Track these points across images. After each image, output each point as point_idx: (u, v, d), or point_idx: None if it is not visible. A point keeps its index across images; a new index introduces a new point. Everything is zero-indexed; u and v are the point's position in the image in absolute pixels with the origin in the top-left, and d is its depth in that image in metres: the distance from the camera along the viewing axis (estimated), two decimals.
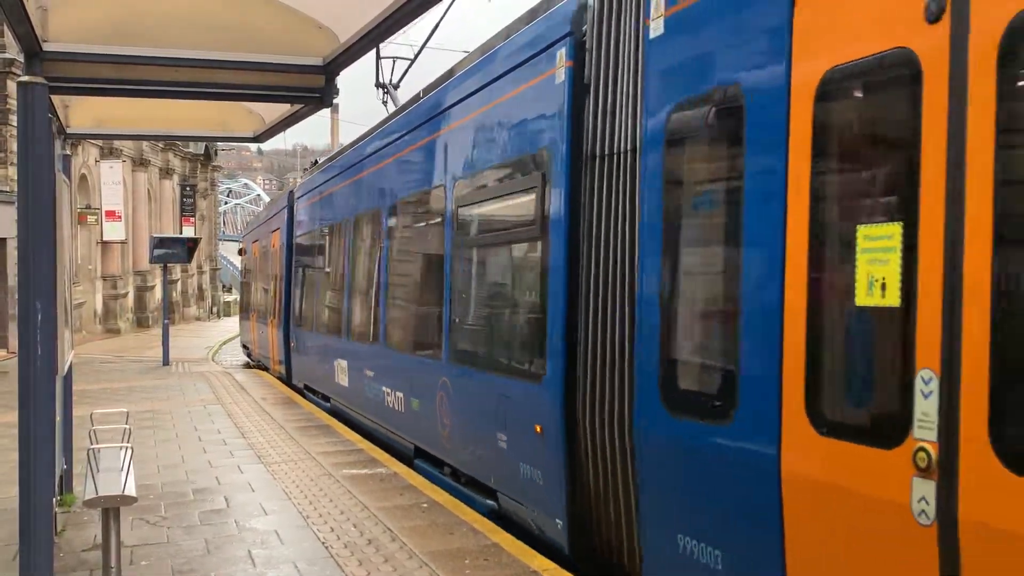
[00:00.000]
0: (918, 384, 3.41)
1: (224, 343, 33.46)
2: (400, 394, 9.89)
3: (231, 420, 13.25)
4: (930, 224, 3.38)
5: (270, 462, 10.07)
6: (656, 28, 5.10)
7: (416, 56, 16.64)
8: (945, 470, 3.27)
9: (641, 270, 5.18)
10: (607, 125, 5.85)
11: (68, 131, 7.69)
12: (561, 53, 6.35)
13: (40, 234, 4.75)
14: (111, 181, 32.82)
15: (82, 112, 7.53)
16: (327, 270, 14.20)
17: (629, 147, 5.55)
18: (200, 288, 50.37)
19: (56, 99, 6.53)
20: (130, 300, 37.41)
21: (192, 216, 45.38)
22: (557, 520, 6.30)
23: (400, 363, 9.93)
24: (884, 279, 3.59)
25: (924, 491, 3.33)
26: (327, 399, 14.22)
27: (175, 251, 23.88)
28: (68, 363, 7.34)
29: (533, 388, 6.54)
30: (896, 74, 3.59)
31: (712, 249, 4.67)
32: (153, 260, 24.32)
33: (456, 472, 8.43)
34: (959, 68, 3.30)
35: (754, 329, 4.23)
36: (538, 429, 6.45)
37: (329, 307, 13.85)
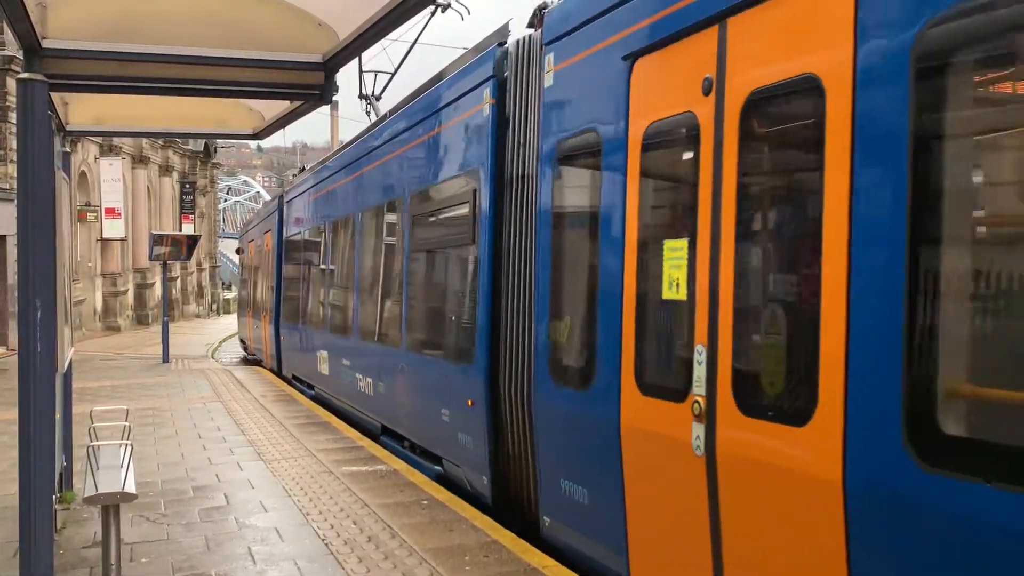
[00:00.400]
0: (697, 355, 4.67)
1: (224, 340, 33.46)
2: (370, 379, 11.28)
3: (231, 417, 13.26)
4: (703, 239, 4.64)
5: (270, 459, 10.08)
6: (548, 79, 6.49)
7: (395, 71, 18.31)
8: (709, 417, 4.58)
9: (536, 273, 6.57)
10: (521, 152, 7.22)
11: (68, 128, 7.69)
12: (487, 92, 7.72)
13: (40, 232, 4.75)
14: (111, 178, 32.82)
15: (82, 109, 7.53)
16: (310, 270, 15.59)
17: (533, 171, 6.83)
18: (200, 285, 50.37)
19: (56, 96, 6.53)
20: (130, 297, 37.42)
21: (192, 213, 45.36)
22: (484, 477, 7.67)
23: (370, 353, 11.27)
24: (678, 280, 4.89)
25: (698, 432, 4.65)
26: (311, 387, 15.48)
27: (175, 248, 23.90)
28: (68, 360, 7.34)
29: (467, 369, 7.85)
30: (683, 130, 4.91)
31: (580, 257, 6.03)
32: (153, 258, 24.33)
33: (413, 445, 9.81)
34: (721, 123, 4.58)
35: (605, 319, 5.57)
36: (470, 403, 7.79)
37: (312, 304, 15.24)
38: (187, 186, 45.70)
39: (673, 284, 4.93)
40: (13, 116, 23.82)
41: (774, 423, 4.14)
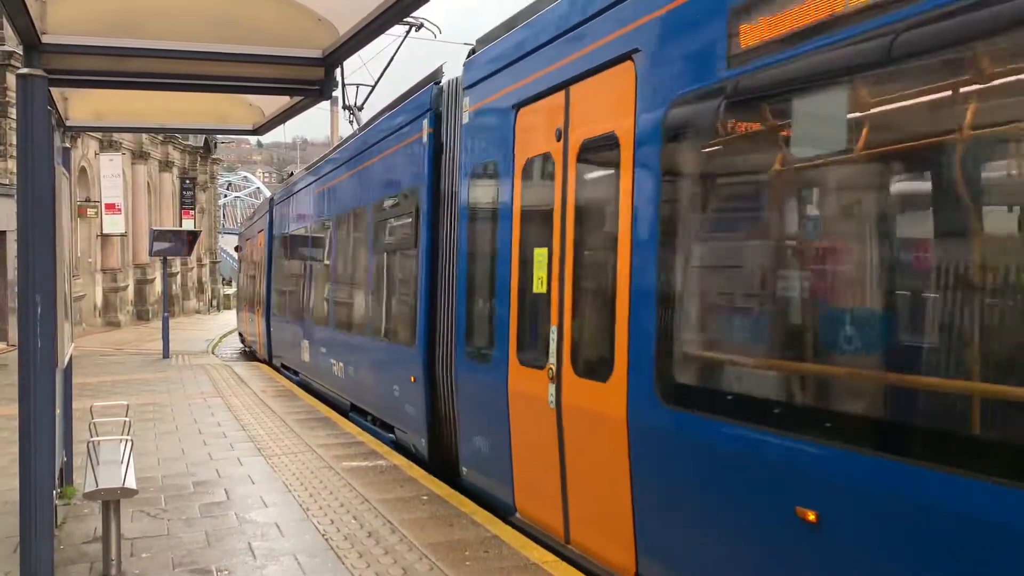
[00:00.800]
0: (551, 334, 6.29)
1: (224, 336, 33.47)
2: (341, 364, 12.92)
3: (231, 413, 13.27)
4: (555, 247, 6.29)
5: (270, 455, 10.08)
6: (466, 117, 7.99)
7: (375, 84, 20.43)
8: (557, 378, 6.22)
9: (456, 272, 8.15)
10: (451, 173, 8.72)
11: (67, 124, 7.68)
12: (425, 122, 9.27)
13: (40, 227, 4.75)
14: (111, 174, 32.77)
15: (81, 105, 7.52)
16: (293, 268, 17.30)
17: (458, 189, 8.27)
18: (200, 281, 50.36)
19: (55, 91, 6.52)
20: (130, 293, 37.40)
21: (192, 209, 45.33)
22: (422, 439, 9.30)
23: (341, 341, 12.90)
24: (542, 277, 6.51)
25: (552, 390, 6.28)
26: (296, 374, 17.06)
27: (175, 244, 23.90)
28: (68, 356, 7.34)
29: (410, 352, 9.45)
30: (546, 166, 6.52)
31: (484, 261, 7.60)
32: (153, 253, 24.33)
33: (375, 419, 11.37)
34: (567, 163, 6.22)
35: (499, 309, 7.19)
36: (412, 379, 9.41)
37: (295, 299, 16.91)
38: (187, 182, 45.68)
39: (540, 281, 6.56)
40: (13, 111, 23.80)
41: (591, 380, 5.80)
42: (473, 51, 8.08)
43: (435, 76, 9.34)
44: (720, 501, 4.55)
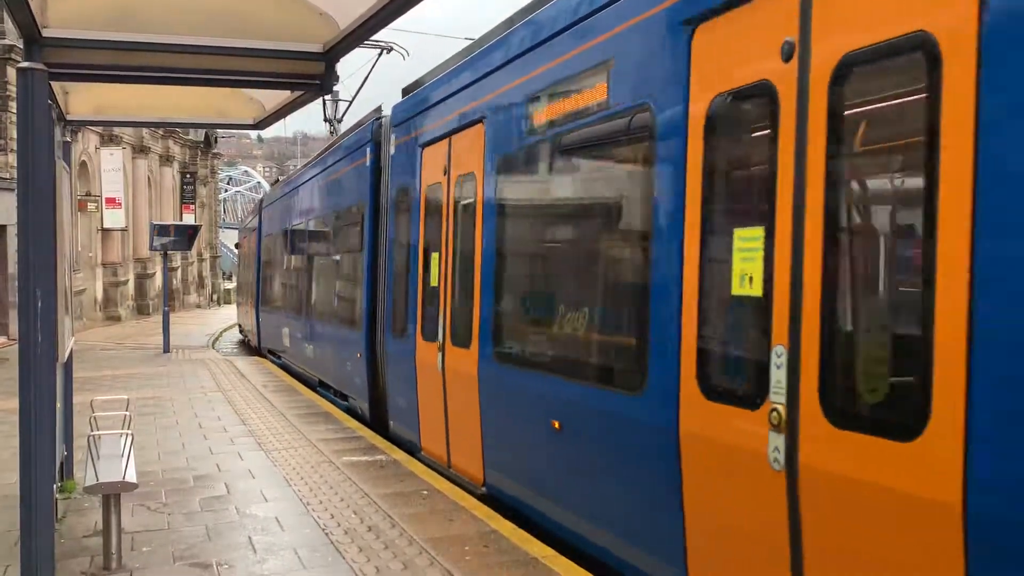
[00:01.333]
0: (440, 318, 8.43)
1: (224, 330, 33.47)
2: (310, 346, 15.51)
3: (231, 407, 13.27)
4: (443, 254, 8.56)
5: (270, 449, 10.09)
6: (392, 149, 10.28)
7: (352, 100, 23.54)
8: (442, 349, 8.30)
9: (386, 269, 10.52)
10: (385, 192, 10.83)
11: (68, 118, 7.67)
12: (368, 150, 11.62)
13: (40, 221, 4.74)
14: (111, 168, 32.74)
15: (82, 99, 7.51)
16: (277, 264, 19.89)
17: (389, 205, 10.53)
18: (200, 276, 50.35)
19: (56, 86, 6.52)
20: (130, 288, 37.39)
21: (192, 204, 45.31)
22: (365, 404, 11.57)
23: (311, 326, 15.54)
24: (436, 273, 8.33)
25: (439, 357, 8.37)
26: (279, 357, 19.41)
27: (176, 239, 23.88)
28: (69, 350, 7.34)
29: (357, 334, 11.83)
30: (438, 191, 8.80)
31: (402, 261, 9.80)
32: (153, 248, 24.30)
33: (336, 392, 13.61)
34: (449, 190, 8.36)
35: (410, 297, 9.28)
36: (359, 355, 11.69)
37: (277, 291, 19.65)
38: (188, 176, 45.64)
39: (434, 277, 8.56)
40: (14, 105, 23.78)
41: (461, 348, 7.81)
42: (406, 89, 10.46)
43: (378, 113, 11.80)
44: (520, 420, 6.82)
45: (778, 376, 4.04)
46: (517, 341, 7.05)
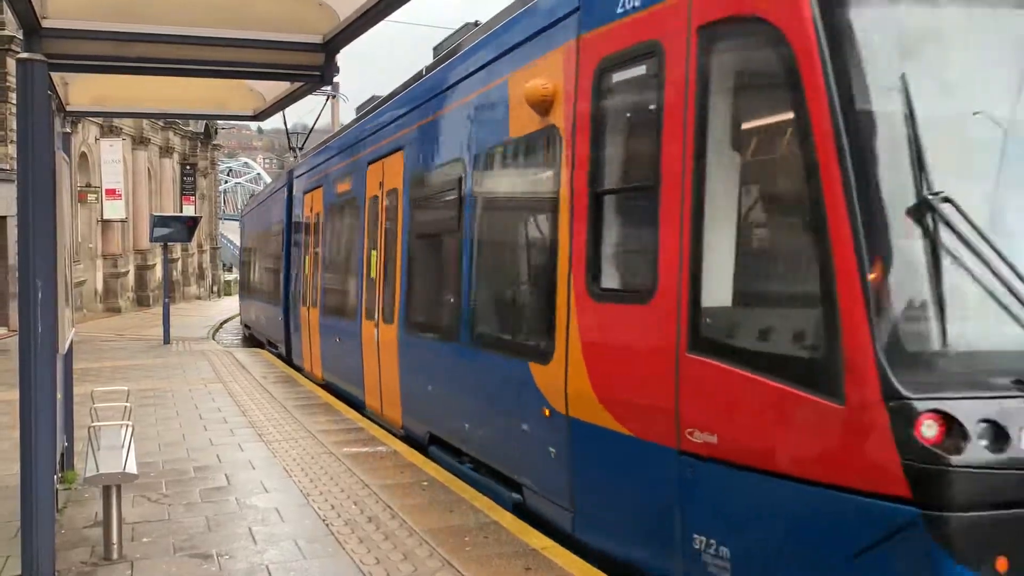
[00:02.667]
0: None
1: (225, 322, 33.47)
2: (263, 318, 22.28)
3: (232, 398, 13.28)
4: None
5: (271, 440, 10.10)
6: (296, 188, 17.29)
7: (312, 126, 28.51)
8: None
9: (285, 263, 18.02)
10: (295, 217, 17.18)
11: (68, 109, 7.66)
12: (285, 187, 18.49)
13: (40, 213, 4.74)
14: (111, 159, 32.73)
15: (82, 90, 7.50)
16: (249, 262, 26.45)
17: (294, 226, 16.78)
18: (200, 267, 50.34)
19: (56, 76, 6.50)
20: (130, 279, 37.39)
21: (192, 195, 45.27)
22: (281, 346, 18.40)
23: (259, 305, 22.75)
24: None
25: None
26: (249, 328, 25.84)
27: (176, 230, 23.85)
28: (69, 341, 7.34)
29: (278, 305, 18.74)
30: (312, 221, 15.49)
31: (301, 259, 15.93)
32: (153, 239, 24.27)
33: (277, 353, 19.15)
34: (317, 222, 15.16)
35: (312, 283, 14.93)
36: (280, 320, 18.50)
37: (249, 282, 26.03)
38: (188, 167, 45.61)
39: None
40: (13, 96, 23.74)
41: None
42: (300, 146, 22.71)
43: (291, 167, 19.10)
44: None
45: (381, 311, 10.35)
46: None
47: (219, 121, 52.38)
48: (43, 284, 4.72)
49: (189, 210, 43.22)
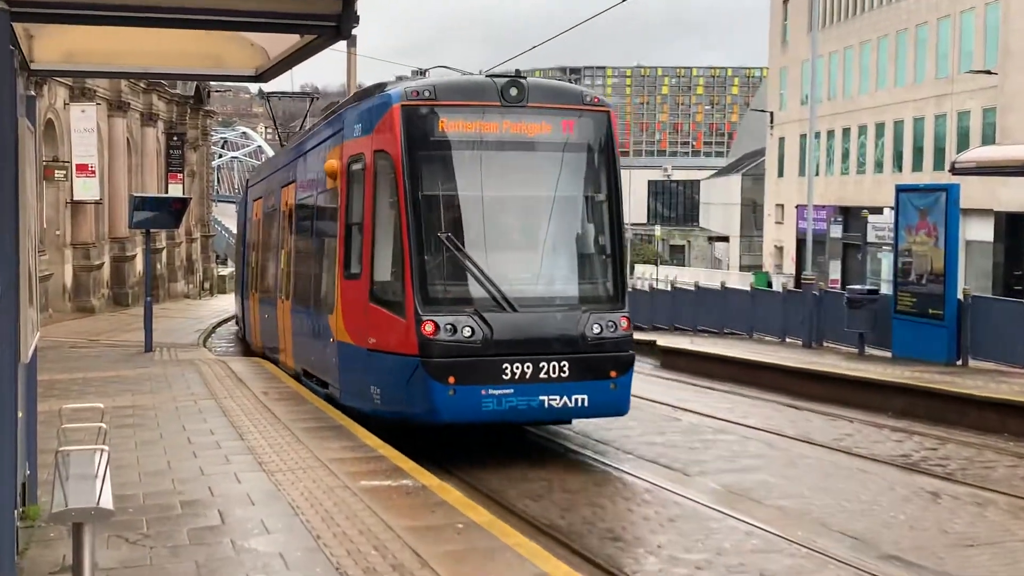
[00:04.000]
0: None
1: (217, 326, 33.81)
2: (237, 306, 31.04)
3: (227, 418, 13.39)
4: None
5: (273, 470, 10.16)
6: (249, 196, 27.17)
7: (304, 120, 31.91)
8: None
9: (242, 258, 27.99)
10: (247, 215, 27.79)
11: (33, 67, 7.74)
12: (241, 197, 31.79)
13: (0, 192, 4.77)
14: (83, 128, 33.02)
15: (50, 44, 7.57)
16: (242, 251, 30.74)
17: (249, 220, 26.48)
18: (189, 259, 50.77)
19: (18, 28, 6.56)
20: (106, 273, 37.79)
21: (180, 172, 45.72)
22: (241, 328, 28.28)
23: (237, 295, 30.60)
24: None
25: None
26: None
27: (160, 214, 24.06)
28: (32, 348, 7.42)
29: (238, 294, 29.90)
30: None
31: (248, 254, 25.92)
32: (133, 225, 24.52)
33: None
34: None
35: (247, 273, 26.22)
36: (239, 305, 29.14)
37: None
38: (175, 139, 46.05)
39: (252, 262, 24.34)
40: None
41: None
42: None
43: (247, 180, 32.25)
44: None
45: (283, 292, 18.70)
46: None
47: (213, 82, 52.88)
48: (2, 280, 4.76)
49: (176, 190, 43.67)
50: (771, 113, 63.09)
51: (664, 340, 26.98)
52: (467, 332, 11.60)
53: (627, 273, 14.03)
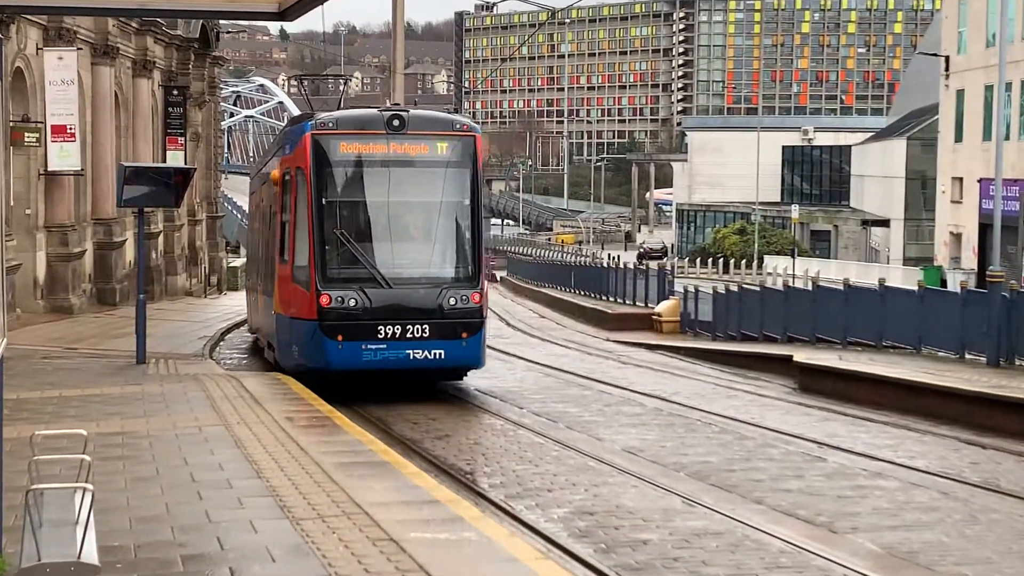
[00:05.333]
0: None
1: (227, 331, 34.12)
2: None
3: (240, 450, 13.48)
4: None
5: (300, 517, 10.21)
6: (252, 182, 40.68)
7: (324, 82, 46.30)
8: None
9: (249, 246, 42.05)
10: (249, 206, 44.64)
11: None
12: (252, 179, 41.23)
13: None
14: (60, 80, 33.23)
15: None
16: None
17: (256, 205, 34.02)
18: (193, 246, 51.08)
19: None
20: (87, 263, 38.07)
21: (182, 135, 46.07)
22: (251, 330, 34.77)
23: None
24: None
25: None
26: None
27: (156, 189, 24.25)
28: None
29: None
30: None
31: (250, 242, 39.78)
32: (123, 203, 24.73)
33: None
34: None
35: (248, 259, 41.21)
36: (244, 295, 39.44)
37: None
38: (175, 93, 46.37)
39: (251, 251, 37.08)
40: None
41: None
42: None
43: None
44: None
45: (264, 277, 27.14)
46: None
47: (224, 21, 53.33)
48: None
49: (176, 158, 44.05)
50: (946, 58, 62.13)
51: (803, 355, 26.72)
52: (352, 303, 19.80)
53: (482, 260, 21.46)
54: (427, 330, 19.86)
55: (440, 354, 20.06)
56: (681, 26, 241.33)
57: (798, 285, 47.18)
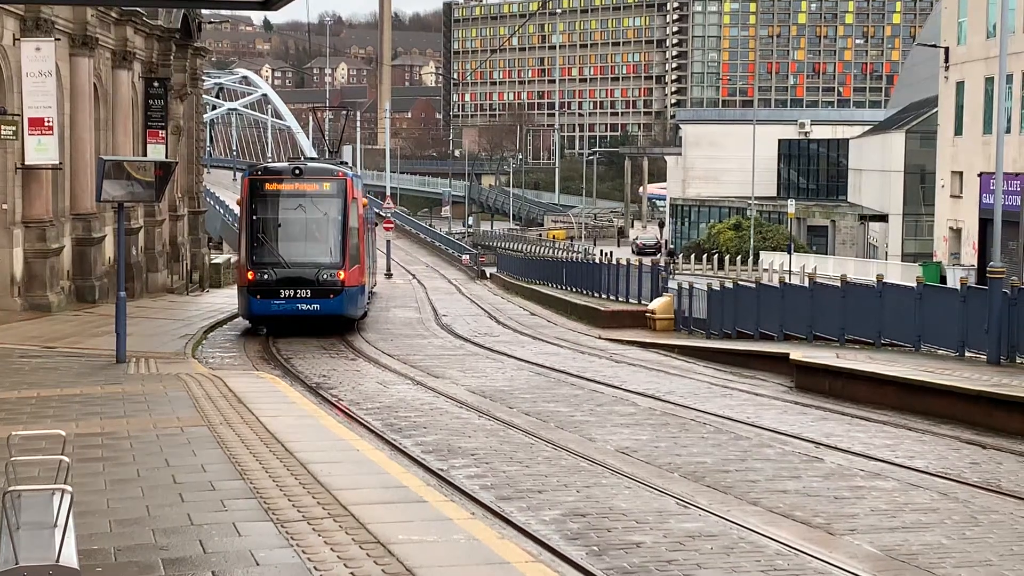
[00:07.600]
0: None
1: (211, 329, 34.12)
2: None
3: (223, 451, 13.47)
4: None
5: (285, 519, 10.21)
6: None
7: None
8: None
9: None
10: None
11: None
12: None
13: None
14: (37, 72, 33.23)
15: None
16: None
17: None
18: (174, 242, 51.08)
19: None
20: (66, 259, 38.08)
21: (163, 128, 46.03)
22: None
23: None
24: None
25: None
26: None
27: (137, 183, 24.22)
28: None
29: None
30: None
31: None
32: (102, 198, 24.71)
33: None
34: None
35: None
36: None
37: None
38: (156, 85, 46.36)
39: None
40: None
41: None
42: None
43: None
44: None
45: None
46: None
47: (207, 10, 53.28)
48: None
49: (158, 152, 44.05)
50: (946, 50, 62.22)
51: (800, 353, 26.71)
52: (265, 277, 33.47)
53: (348, 252, 34.52)
54: (309, 293, 33.79)
55: (317, 307, 34.01)
56: (675, 16, 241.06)
57: (794, 281, 47.09)
